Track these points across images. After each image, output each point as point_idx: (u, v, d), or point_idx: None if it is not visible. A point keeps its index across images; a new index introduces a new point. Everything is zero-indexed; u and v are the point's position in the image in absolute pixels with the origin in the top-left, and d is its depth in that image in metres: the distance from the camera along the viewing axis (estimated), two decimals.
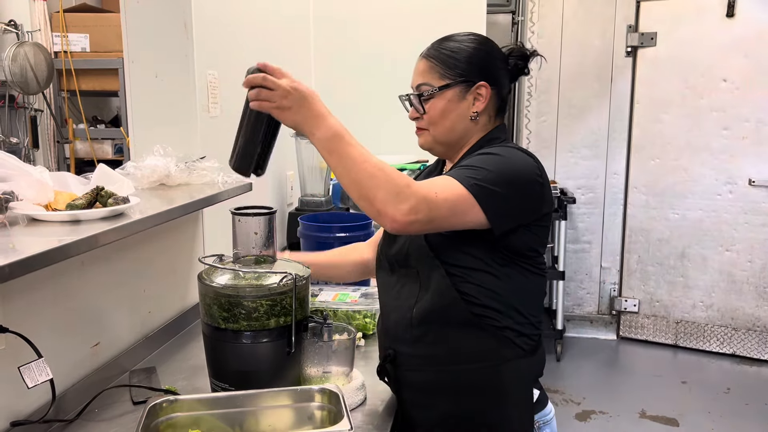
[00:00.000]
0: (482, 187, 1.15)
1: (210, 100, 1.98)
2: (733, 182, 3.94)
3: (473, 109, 1.29)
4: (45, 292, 1.29)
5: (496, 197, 1.16)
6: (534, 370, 1.31)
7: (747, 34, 3.77)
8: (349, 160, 1.13)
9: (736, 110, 3.85)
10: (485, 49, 1.30)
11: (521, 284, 1.26)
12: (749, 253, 3.95)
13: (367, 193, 1.11)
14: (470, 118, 1.29)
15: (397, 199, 1.10)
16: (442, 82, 1.28)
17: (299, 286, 1.26)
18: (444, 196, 1.13)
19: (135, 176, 1.68)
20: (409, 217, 1.10)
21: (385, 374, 1.34)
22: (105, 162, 1.58)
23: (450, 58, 1.28)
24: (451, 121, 1.29)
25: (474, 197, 1.14)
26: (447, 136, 1.31)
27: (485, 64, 1.29)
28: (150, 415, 1.10)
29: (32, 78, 3.65)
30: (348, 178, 1.13)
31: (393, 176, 1.11)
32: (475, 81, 1.28)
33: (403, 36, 3.07)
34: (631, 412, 3.35)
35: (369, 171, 1.11)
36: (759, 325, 3.98)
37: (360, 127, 3.24)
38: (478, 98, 1.28)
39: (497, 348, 1.24)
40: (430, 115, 1.29)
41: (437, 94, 1.28)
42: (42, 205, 1.32)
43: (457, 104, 1.28)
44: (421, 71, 1.31)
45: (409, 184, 1.12)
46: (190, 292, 1.87)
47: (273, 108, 1.16)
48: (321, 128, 1.15)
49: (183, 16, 1.86)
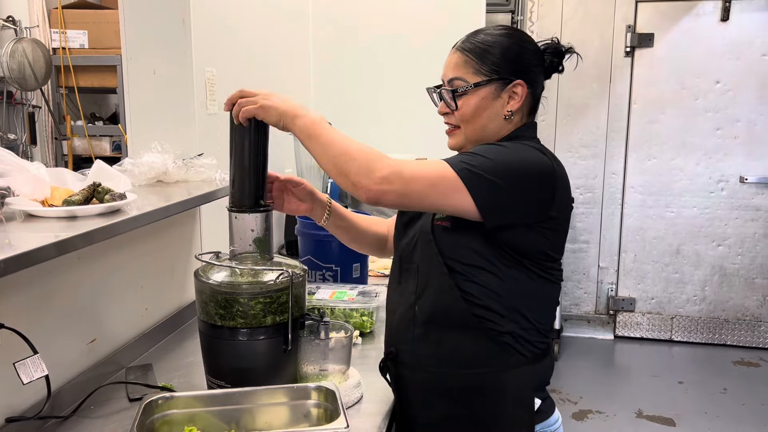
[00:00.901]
0: (474, 174, 1.12)
1: (208, 97, 1.98)
2: (725, 180, 4.10)
3: (507, 107, 1.24)
4: (41, 288, 1.29)
5: (490, 187, 1.12)
6: (538, 379, 1.27)
7: (740, 38, 3.92)
8: (326, 139, 1.15)
9: (728, 111, 4.01)
10: (521, 45, 1.25)
11: (528, 288, 1.22)
12: (740, 247, 4.14)
13: (342, 167, 1.13)
14: (504, 117, 1.24)
15: (369, 169, 1.11)
16: (477, 78, 1.23)
17: (296, 284, 1.26)
18: (422, 173, 1.13)
19: (132, 173, 1.68)
20: (382, 186, 1.10)
21: (386, 371, 1.32)
22: (103, 159, 1.57)
23: (485, 52, 1.23)
24: (484, 119, 1.24)
25: (462, 181, 1.12)
26: (479, 135, 1.26)
27: (521, 60, 1.24)
28: (146, 412, 1.10)
29: (30, 74, 3.65)
30: (326, 157, 1.15)
31: (367, 150, 1.13)
32: (511, 79, 1.23)
33: (402, 34, 3.06)
34: (628, 412, 3.35)
35: (345, 147, 1.14)
36: (748, 315, 4.18)
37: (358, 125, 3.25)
38: (513, 97, 1.24)
39: (498, 353, 1.21)
40: (463, 111, 1.25)
41: (471, 91, 1.23)
42: (39, 200, 1.31)
43: (491, 102, 1.23)
44: (455, 65, 1.26)
45: (383, 156, 1.13)
46: (187, 289, 1.87)
47: (257, 109, 1.19)
48: (301, 117, 1.17)
49: (181, 12, 1.85)
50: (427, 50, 3.03)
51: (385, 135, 3.10)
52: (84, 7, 3.81)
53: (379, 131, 3.11)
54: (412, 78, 3.07)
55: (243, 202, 1.27)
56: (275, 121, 1.20)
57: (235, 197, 1.27)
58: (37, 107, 3.95)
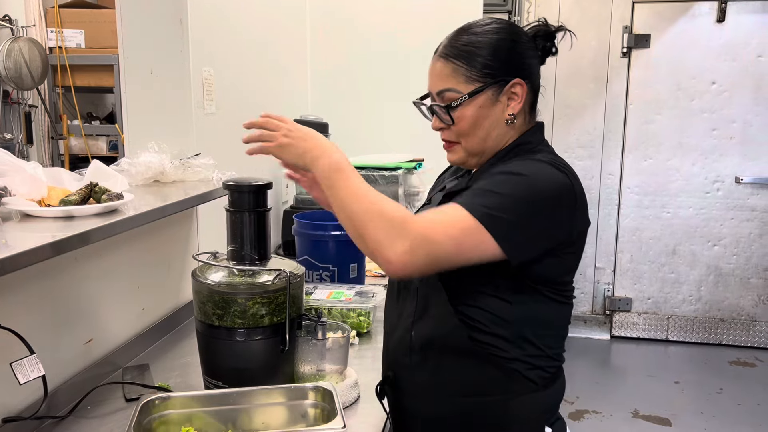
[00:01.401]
0: (495, 217, 1.01)
1: (205, 97, 1.98)
2: (721, 180, 4.12)
3: (509, 111, 1.13)
4: (38, 288, 1.29)
5: (513, 226, 1.02)
6: (547, 404, 1.18)
7: (736, 39, 3.94)
8: (345, 193, 1.04)
9: (724, 112, 4.03)
10: (510, 37, 1.13)
11: (539, 313, 1.12)
12: (735, 247, 4.17)
13: (360, 230, 1.02)
14: (506, 122, 1.14)
15: (391, 237, 0.99)
16: (470, 86, 1.11)
17: (293, 284, 1.26)
18: (447, 231, 1.00)
19: (129, 172, 1.68)
20: (405, 258, 0.99)
21: (383, 396, 1.24)
22: (99, 158, 1.57)
23: (473, 55, 1.11)
24: (485, 129, 1.13)
25: (485, 227, 1.00)
26: (481, 146, 1.15)
27: (514, 55, 1.13)
28: (143, 412, 1.10)
29: (27, 74, 3.64)
30: (343, 213, 1.05)
31: (388, 211, 1.01)
32: (507, 79, 1.11)
33: (400, 34, 3.07)
34: (624, 412, 3.36)
35: (364, 205, 1.02)
36: (743, 314, 4.21)
37: (356, 125, 3.25)
38: (513, 98, 1.13)
39: (502, 381, 1.12)
40: (460, 126, 1.13)
41: (467, 102, 1.11)
42: (35, 200, 1.31)
43: (490, 109, 1.12)
44: (442, 74, 1.14)
45: (406, 219, 1.00)
46: (184, 289, 1.86)
47: (274, 147, 1.13)
48: (321, 160, 1.08)
49: (178, 12, 1.85)
50: (425, 50, 3.02)
51: (382, 135, 3.10)
52: (81, 7, 3.81)
53: (376, 131, 3.11)
54: (410, 77, 3.07)
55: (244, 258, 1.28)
56: (293, 161, 1.13)
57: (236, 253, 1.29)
58: (33, 107, 3.94)
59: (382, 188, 2.56)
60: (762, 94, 3.97)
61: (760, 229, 4.12)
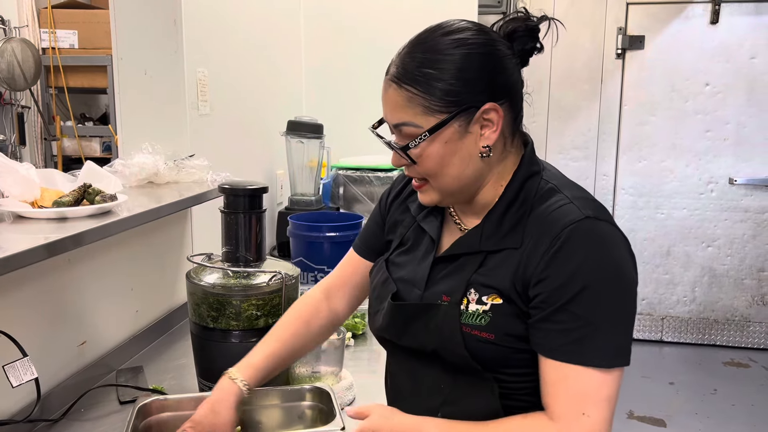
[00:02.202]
0: (617, 350, 0.88)
1: (199, 98, 1.97)
2: (714, 182, 4.13)
3: (482, 142, 0.92)
4: (31, 290, 1.28)
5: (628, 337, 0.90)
6: None
7: (729, 40, 3.96)
8: None
9: (717, 113, 4.05)
10: (478, 50, 0.90)
11: None
12: (729, 248, 4.18)
13: None
14: (481, 155, 0.93)
15: None
16: (430, 120, 0.90)
17: (288, 286, 1.26)
18: (594, 406, 0.86)
19: (123, 174, 1.67)
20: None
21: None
22: (93, 160, 1.56)
23: (432, 79, 0.89)
24: (455, 168, 0.93)
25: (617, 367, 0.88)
26: (456, 185, 0.95)
27: (484, 74, 0.90)
28: (139, 415, 1.09)
29: (19, 74, 3.62)
30: None
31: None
32: (477, 105, 0.90)
33: (394, 35, 3.05)
34: (619, 413, 3.36)
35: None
36: (737, 315, 4.23)
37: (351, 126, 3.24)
38: (487, 125, 0.92)
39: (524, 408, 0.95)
40: (425, 167, 0.93)
41: (429, 139, 0.91)
42: (28, 202, 1.30)
43: (458, 143, 0.91)
44: (396, 104, 0.93)
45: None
46: (178, 291, 1.86)
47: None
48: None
49: (172, 12, 1.84)
50: None
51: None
52: (74, 7, 3.79)
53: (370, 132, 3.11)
54: None
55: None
56: None
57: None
58: (26, 107, 3.92)
59: (377, 189, 2.56)
60: (755, 96, 3.99)
61: (754, 230, 4.14)
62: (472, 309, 0.93)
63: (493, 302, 0.92)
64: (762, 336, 4.21)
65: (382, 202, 1.17)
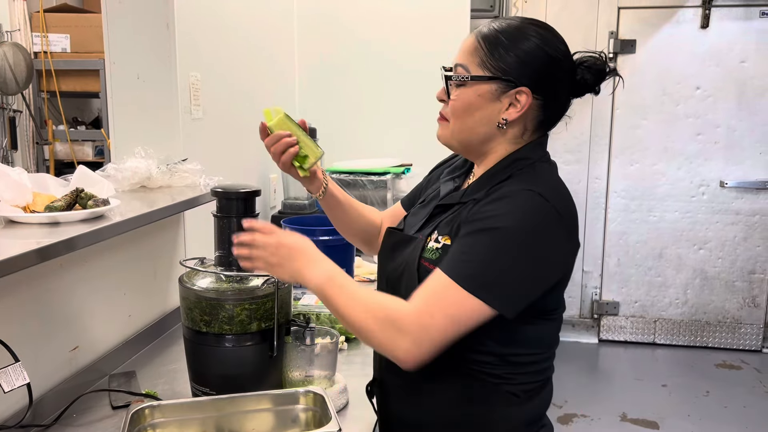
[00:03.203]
0: (485, 284, 0.99)
1: (192, 102, 1.97)
2: (706, 185, 4.16)
3: (503, 114, 1.08)
4: (23, 295, 1.27)
5: (504, 287, 1.00)
6: (531, 416, 1.17)
7: (719, 44, 3.99)
8: (338, 305, 1.05)
9: (708, 116, 4.08)
10: (548, 50, 1.08)
11: (529, 335, 1.11)
12: (720, 251, 4.21)
13: (364, 337, 1.03)
14: (497, 124, 1.09)
15: (393, 339, 0.99)
16: (479, 71, 1.08)
17: (281, 290, 1.26)
18: (441, 312, 0.99)
19: (115, 178, 1.67)
20: (413, 353, 0.99)
21: (372, 396, 1.26)
22: (85, 164, 1.56)
23: (499, 46, 1.07)
24: (474, 120, 1.10)
25: (476, 296, 0.98)
26: (466, 136, 1.12)
27: (540, 67, 1.07)
28: (133, 422, 1.08)
29: (11, 78, 3.60)
30: (345, 323, 1.06)
31: (381, 313, 1.00)
32: (517, 83, 1.06)
33: (387, 40, 3.07)
34: (613, 416, 3.37)
35: (359, 314, 1.02)
36: (728, 317, 4.25)
37: (344, 130, 3.25)
38: (514, 104, 1.08)
39: (487, 394, 1.11)
40: (454, 105, 1.11)
41: (468, 84, 1.09)
42: (20, 206, 1.30)
43: (486, 102, 1.08)
44: (465, 49, 1.11)
45: (399, 315, 0.99)
46: (171, 295, 1.85)
47: (263, 267, 1.12)
48: (312, 277, 1.07)
49: (165, 16, 1.85)
50: (413, 55, 3.05)
51: (370, 140, 3.10)
52: (66, 11, 3.78)
53: (364, 135, 3.11)
54: (397, 83, 3.08)
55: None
56: (286, 281, 1.17)
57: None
58: (18, 112, 3.90)
59: (370, 193, 2.56)
60: (745, 100, 4.02)
61: (744, 233, 4.17)
62: (430, 245, 1.12)
63: (445, 242, 1.10)
64: (753, 338, 4.23)
65: (433, 169, 1.37)
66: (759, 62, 3.97)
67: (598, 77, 1.13)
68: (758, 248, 4.16)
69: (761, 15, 3.93)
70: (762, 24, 3.94)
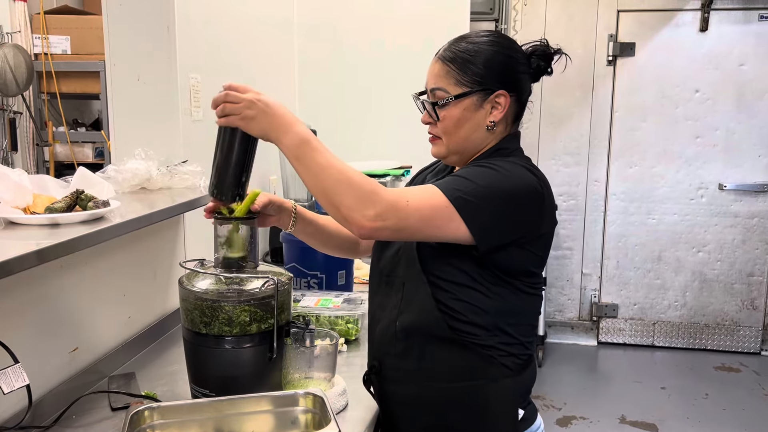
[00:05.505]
0: (467, 201, 1.10)
1: (192, 104, 1.97)
2: (705, 187, 4.18)
3: (490, 118, 1.22)
4: (23, 297, 1.28)
5: (482, 212, 1.11)
6: (521, 389, 1.27)
7: (718, 48, 4.01)
8: (315, 167, 1.09)
9: (707, 119, 4.10)
10: (505, 52, 1.22)
11: (513, 304, 1.21)
12: (719, 253, 4.23)
13: (333, 199, 1.08)
14: (486, 127, 1.23)
15: (363, 205, 1.06)
16: (458, 89, 1.21)
17: (281, 291, 1.26)
18: (417, 206, 1.09)
19: (116, 180, 1.67)
20: (376, 224, 1.07)
21: (370, 384, 1.32)
22: (85, 165, 1.56)
23: (467, 62, 1.20)
24: (466, 130, 1.22)
25: (456, 210, 1.10)
26: (462, 146, 1.24)
27: (505, 68, 1.22)
28: (132, 423, 1.09)
29: (11, 80, 3.61)
30: (315, 185, 1.10)
31: (359, 181, 1.08)
32: (493, 89, 1.21)
33: (387, 43, 3.08)
34: (611, 418, 3.37)
35: (335, 177, 1.08)
36: (727, 320, 4.26)
37: (344, 132, 3.25)
38: (496, 107, 1.22)
39: (482, 367, 1.20)
40: (445, 124, 1.23)
41: (453, 103, 1.21)
42: (20, 208, 1.30)
43: (473, 113, 1.21)
44: (436, 74, 1.23)
45: (376, 190, 1.08)
46: (171, 296, 1.85)
47: (239, 120, 1.13)
48: (288, 135, 1.11)
49: (166, 18, 1.85)
50: (412, 58, 3.04)
51: (369, 141, 3.11)
52: (67, 13, 3.78)
53: (363, 137, 3.12)
54: (397, 85, 3.08)
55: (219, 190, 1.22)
56: (260, 135, 1.15)
57: (215, 187, 1.22)
58: (18, 113, 3.90)
59: None
60: (744, 103, 4.04)
61: (743, 236, 4.17)
62: None
63: None
64: (752, 340, 4.24)
65: (416, 175, 1.47)
66: (758, 65, 3.98)
67: (548, 60, 1.27)
68: (757, 251, 4.17)
69: (760, 18, 3.94)
70: (761, 27, 3.95)
